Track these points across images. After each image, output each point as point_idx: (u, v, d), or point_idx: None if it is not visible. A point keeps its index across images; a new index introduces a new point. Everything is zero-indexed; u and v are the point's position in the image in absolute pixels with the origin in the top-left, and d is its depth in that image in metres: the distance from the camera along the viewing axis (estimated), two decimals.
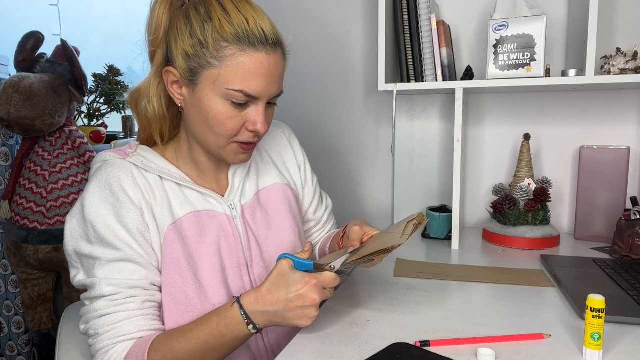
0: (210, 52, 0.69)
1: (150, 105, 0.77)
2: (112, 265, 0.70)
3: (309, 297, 0.67)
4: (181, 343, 0.68)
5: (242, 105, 0.72)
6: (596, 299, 0.64)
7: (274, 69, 0.72)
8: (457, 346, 0.70)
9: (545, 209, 1.27)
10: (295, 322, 0.68)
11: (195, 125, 0.76)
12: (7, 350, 1.76)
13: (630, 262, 1.06)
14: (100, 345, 0.69)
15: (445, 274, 1.04)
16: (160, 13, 0.74)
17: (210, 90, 0.71)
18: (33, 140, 1.66)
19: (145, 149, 0.81)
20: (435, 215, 1.35)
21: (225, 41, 0.69)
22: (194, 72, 0.71)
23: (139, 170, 0.76)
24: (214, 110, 0.72)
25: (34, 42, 1.65)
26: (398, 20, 1.28)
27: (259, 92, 0.72)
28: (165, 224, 0.75)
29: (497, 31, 1.20)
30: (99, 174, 0.74)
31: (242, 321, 0.68)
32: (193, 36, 0.70)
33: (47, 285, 1.74)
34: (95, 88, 1.99)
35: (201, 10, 0.70)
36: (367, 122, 1.60)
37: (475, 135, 1.48)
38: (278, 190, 0.89)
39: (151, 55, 0.77)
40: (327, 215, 1.05)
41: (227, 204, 0.82)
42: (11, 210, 1.64)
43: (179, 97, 0.75)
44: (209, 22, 0.69)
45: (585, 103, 1.37)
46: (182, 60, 0.71)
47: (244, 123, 0.74)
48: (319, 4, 1.60)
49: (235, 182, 0.85)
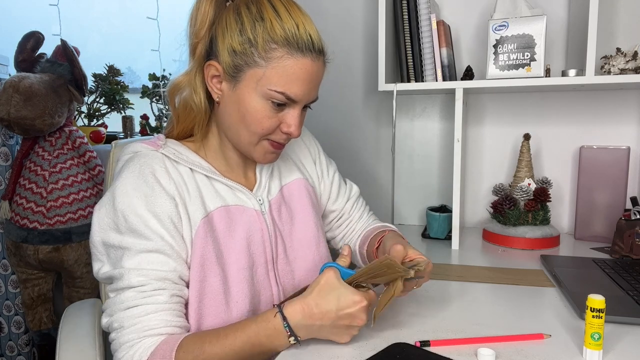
0: (258, 52, 0.70)
1: (197, 97, 0.76)
2: (141, 256, 0.69)
3: (359, 318, 0.67)
4: (214, 347, 0.66)
5: (281, 106, 0.73)
6: (596, 299, 0.64)
7: (315, 76, 0.74)
8: (457, 346, 0.70)
9: (545, 209, 1.27)
10: (337, 337, 0.69)
11: (230, 120, 0.76)
12: (7, 350, 1.76)
13: (630, 262, 1.06)
14: (124, 338, 0.67)
15: (445, 274, 1.04)
16: (206, 6, 0.74)
17: (252, 89, 0.72)
18: (33, 140, 1.66)
19: (175, 143, 0.80)
20: (435, 215, 1.35)
21: (274, 43, 0.70)
22: (238, 68, 0.72)
23: (171, 161, 0.76)
24: (253, 108, 0.73)
25: (34, 42, 1.65)
26: (398, 20, 1.28)
27: (299, 96, 0.73)
28: (197, 217, 0.74)
29: (497, 31, 1.20)
30: (132, 164, 0.74)
31: (285, 333, 0.66)
32: (243, 34, 0.70)
33: (47, 285, 1.73)
34: (95, 88, 1.99)
35: (253, 9, 0.71)
36: (367, 122, 1.60)
37: (475, 135, 1.48)
38: (299, 184, 0.90)
39: (193, 47, 0.76)
40: (350, 204, 1.01)
41: (256, 199, 0.82)
42: (11, 210, 1.64)
43: (217, 92, 0.76)
44: (261, 22, 0.70)
45: (585, 103, 1.37)
46: (228, 56, 0.72)
47: (280, 124, 0.75)
48: (319, 4, 1.60)
49: (263, 178, 0.85)
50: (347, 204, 1.01)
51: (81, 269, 1.66)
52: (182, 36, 0.78)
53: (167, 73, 2.17)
